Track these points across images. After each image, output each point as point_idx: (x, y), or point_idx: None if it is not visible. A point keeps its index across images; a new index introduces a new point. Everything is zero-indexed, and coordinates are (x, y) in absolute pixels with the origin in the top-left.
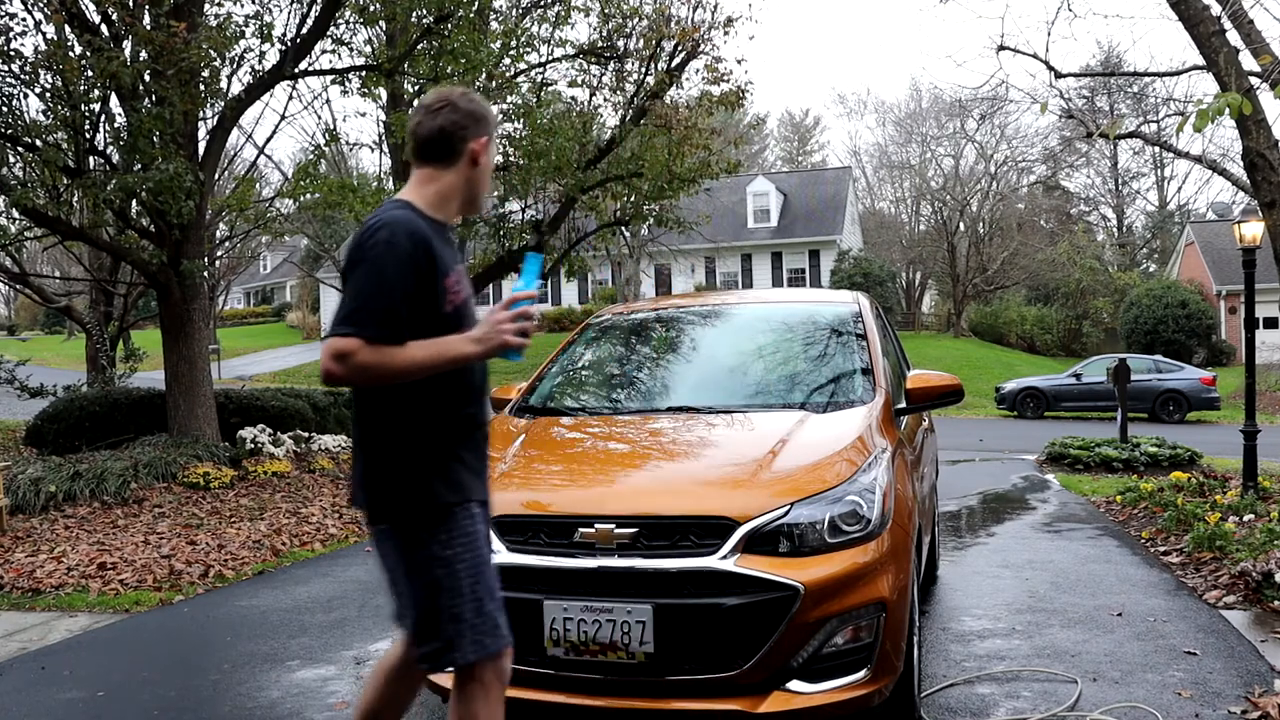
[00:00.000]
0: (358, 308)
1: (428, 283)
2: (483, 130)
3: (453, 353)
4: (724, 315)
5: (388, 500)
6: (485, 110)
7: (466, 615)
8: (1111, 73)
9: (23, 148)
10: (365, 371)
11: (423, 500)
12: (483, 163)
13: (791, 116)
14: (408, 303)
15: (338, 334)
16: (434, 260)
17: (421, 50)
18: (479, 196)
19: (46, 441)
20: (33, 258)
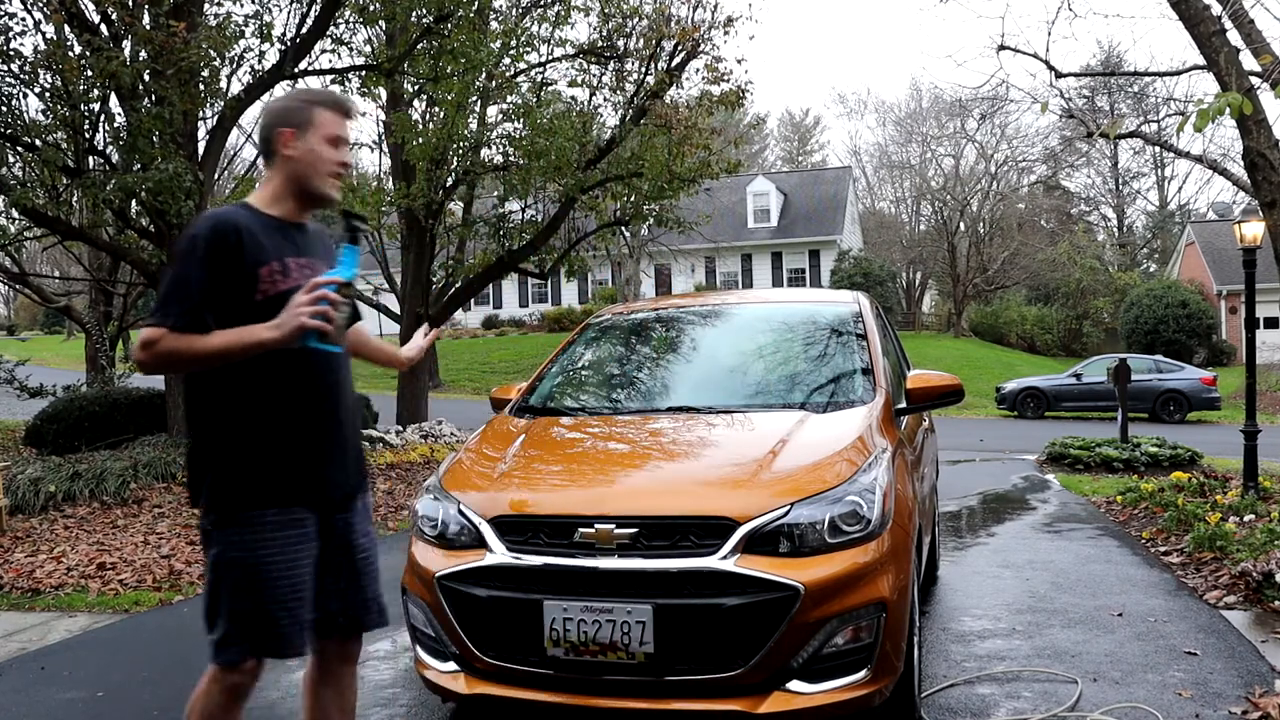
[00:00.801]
0: (162, 299)
1: (234, 273)
2: (287, 121)
3: (252, 339)
4: (724, 315)
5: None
6: (294, 102)
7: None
8: (1112, 72)
9: (23, 147)
10: (169, 357)
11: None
12: (294, 152)
13: (791, 116)
14: (206, 292)
15: (145, 324)
16: (242, 251)
17: (421, 50)
18: (308, 185)
19: (46, 441)
20: (33, 258)
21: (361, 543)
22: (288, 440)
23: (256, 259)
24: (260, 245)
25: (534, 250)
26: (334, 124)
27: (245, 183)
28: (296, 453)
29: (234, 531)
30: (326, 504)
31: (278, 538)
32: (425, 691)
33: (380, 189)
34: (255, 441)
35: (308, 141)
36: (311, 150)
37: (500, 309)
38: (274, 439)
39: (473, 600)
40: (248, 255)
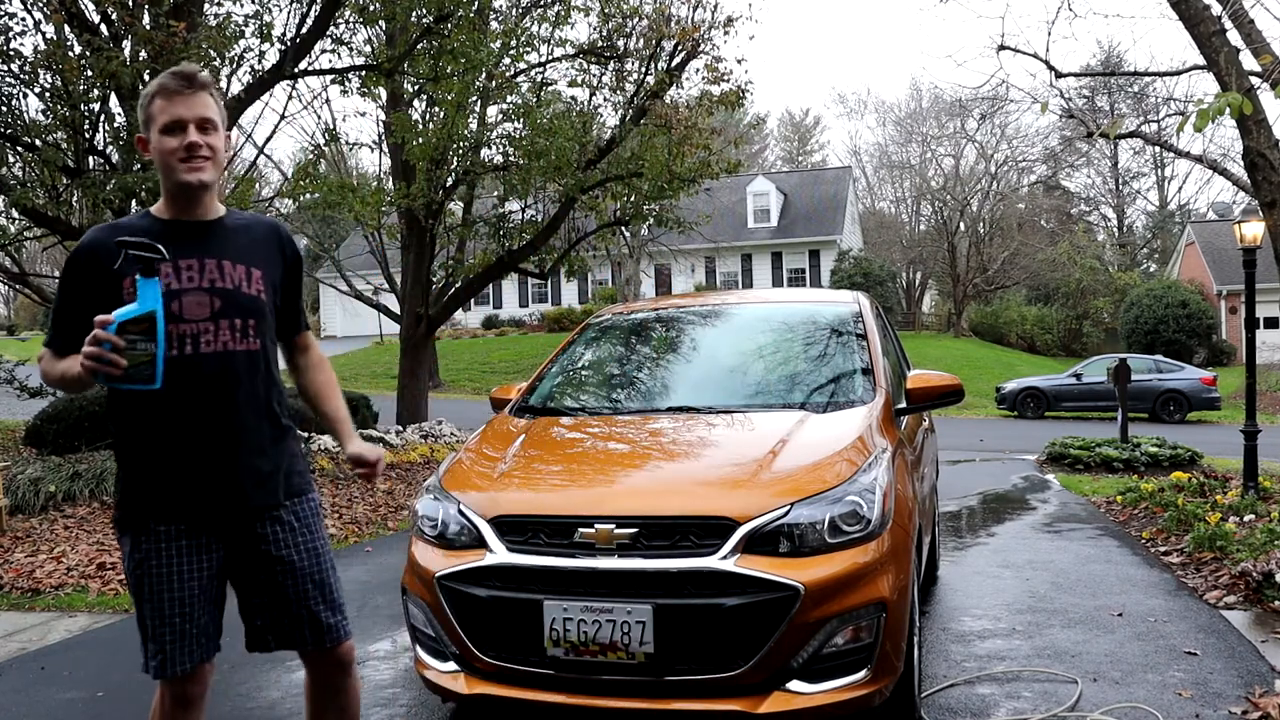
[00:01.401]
0: (50, 319)
1: (89, 295)
2: (141, 125)
3: (70, 371)
4: (724, 315)
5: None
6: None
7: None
8: (1112, 72)
9: (23, 147)
10: (45, 376)
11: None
12: (151, 155)
13: (791, 116)
14: (66, 314)
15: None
16: (93, 273)
17: (421, 50)
18: (170, 181)
19: (46, 442)
20: (33, 258)
21: (283, 555)
22: (162, 457)
23: (120, 273)
24: (121, 261)
25: (534, 250)
26: (165, 110)
27: (245, 183)
28: (173, 469)
29: (125, 543)
30: (216, 518)
31: (159, 551)
32: (425, 691)
33: (380, 189)
34: (134, 457)
35: (152, 140)
36: (159, 151)
37: (500, 309)
38: (149, 455)
39: (473, 600)
40: (104, 274)
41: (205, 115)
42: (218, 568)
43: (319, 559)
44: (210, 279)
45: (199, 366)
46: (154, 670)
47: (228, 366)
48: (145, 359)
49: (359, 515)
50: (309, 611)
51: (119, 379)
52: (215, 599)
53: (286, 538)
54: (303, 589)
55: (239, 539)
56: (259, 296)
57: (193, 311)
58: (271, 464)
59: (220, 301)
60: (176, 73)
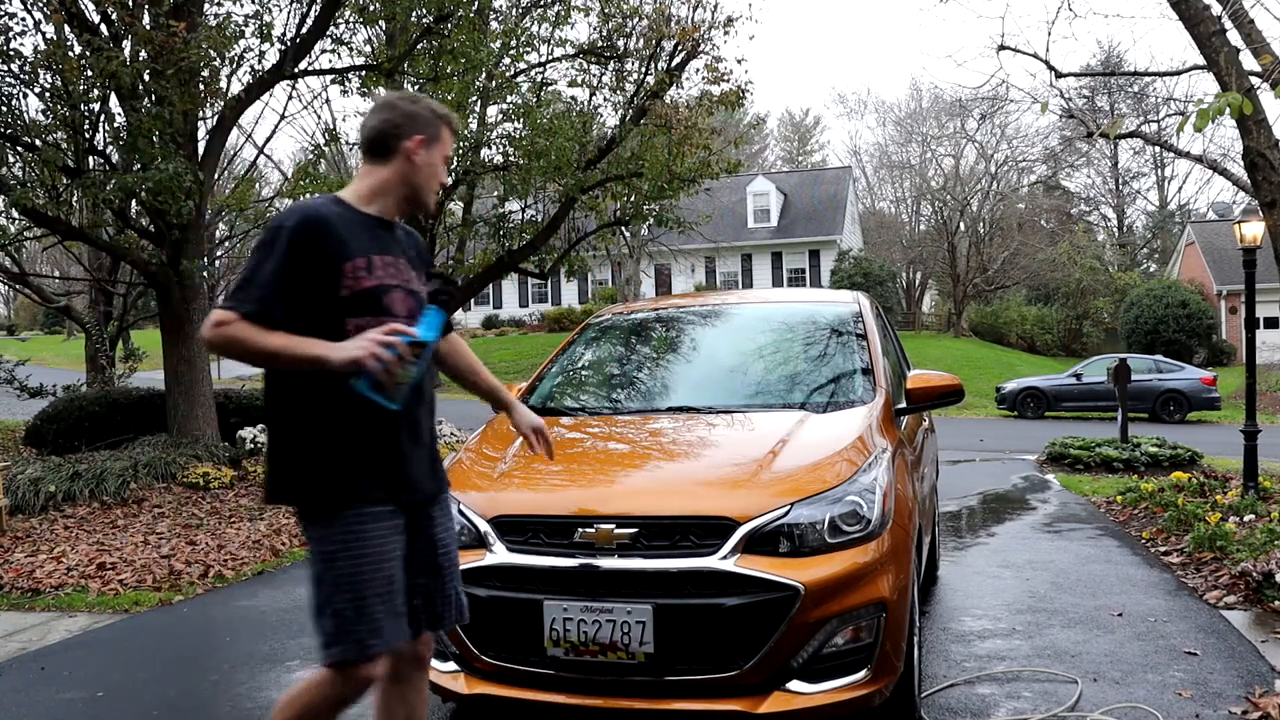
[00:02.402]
0: (240, 284)
1: (312, 269)
2: (419, 129)
3: (309, 352)
4: (724, 315)
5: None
6: (425, 111)
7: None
8: (1112, 72)
9: (22, 147)
10: (232, 343)
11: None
12: (419, 160)
13: (791, 116)
14: (280, 286)
15: (222, 305)
16: (326, 243)
17: (421, 50)
18: (420, 193)
19: (46, 441)
20: (32, 258)
21: (443, 538)
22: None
23: (341, 253)
24: (345, 240)
25: (534, 250)
26: (450, 144)
27: (245, 183)
28: (381, 454)
29: (328, 528)
30: (410, 502)
31: (371, 532)
32: None
33: None
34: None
35: (433, 154)
36: (433, 164)
37: (500, 309)
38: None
39: (473, 600)
40: (331, 249)
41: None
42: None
43: (456, 543)
44: (405, 279)
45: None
46: (371, 649)
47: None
48: (405, 380)
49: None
50: (456, 591)
51: (374, 387)
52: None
53: (444, 521)
54: (454, 570)
55: (416, 523)
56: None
57: (397, 308)
58: (437, 454)
59: (412, 302)
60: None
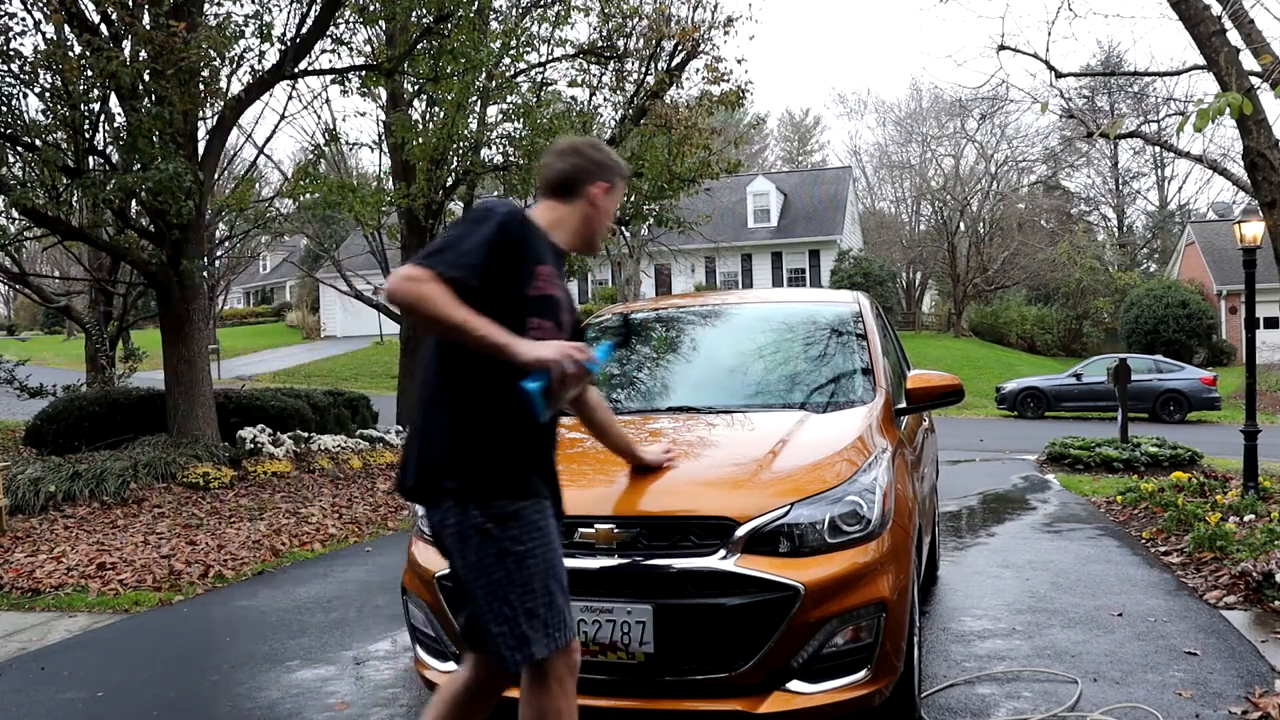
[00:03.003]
0: (439, 247)
1: (513, 259)
2: (604, 177)
3: (497, 337)
4: (724, 315)
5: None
6: (609, 161)
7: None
8: (1112, 72)
9: (23, 148)
10: (422, 300)
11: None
12: (600, 204)
13: (791, 116)
14: (484, 261)
15: (416, 262)
16: (523, 242)
17: (421, 50)
18: (595, 236)
19: (46, 441)
20: (32, 258)
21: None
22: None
23: (537, 256)
24: (540, 247)
25: None
26: (621, 196)
27: (245, 183)
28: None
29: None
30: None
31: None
32: (425, 691)
33: (380, 189)
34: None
35: (610, 201)
36: (609, 210)
37: None
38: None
39: None
40: (530, 250)
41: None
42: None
43: None
44: (570, 304)
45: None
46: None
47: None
48: (565, 397)
49: (359, 515)
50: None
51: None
52: None
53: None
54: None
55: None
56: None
57: (564, 326)
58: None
59: (571, 326)
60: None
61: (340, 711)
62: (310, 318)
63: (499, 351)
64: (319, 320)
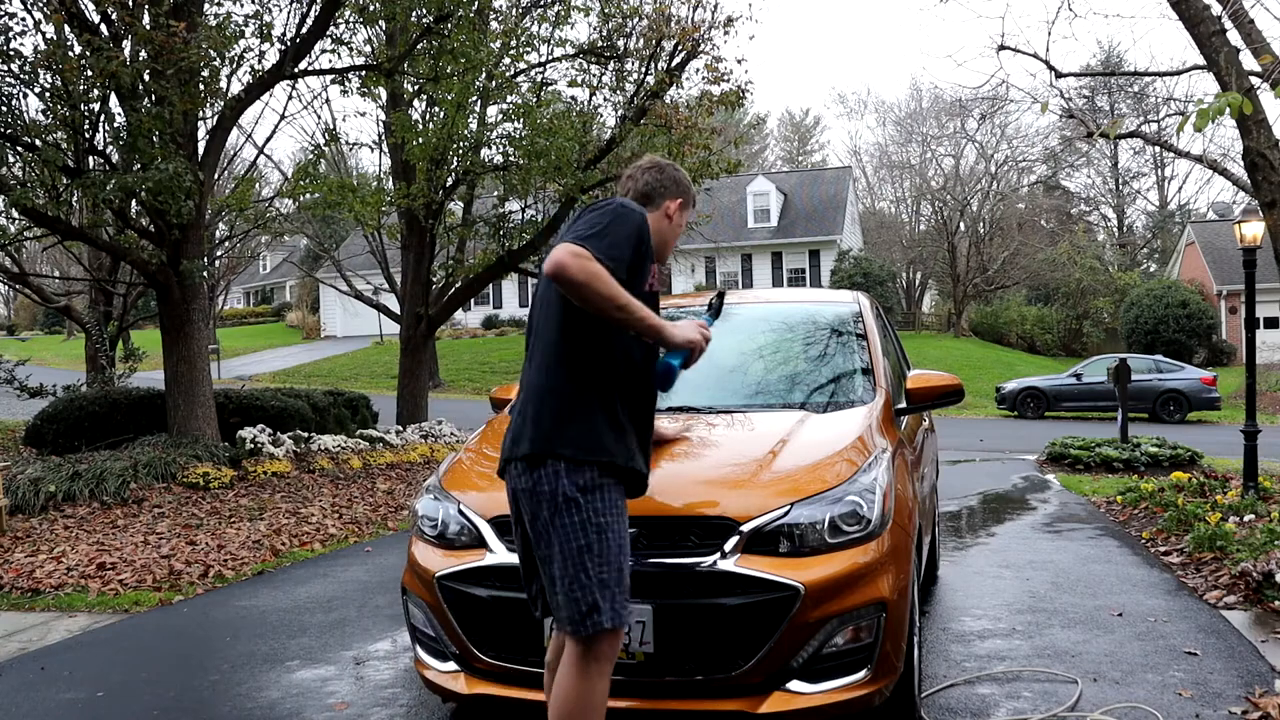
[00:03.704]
0: (595, 234)
1: (645, 257)
2: (679, 194)
3: (651, 321)
4: (724, 315)
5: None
6: (685, 180)
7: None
8: (1112, 72)
9: (22, 147)
10: (595, 276)
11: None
12: (675, 219)
13: (791, 116)
14: (629, 255)
15: (577, 240)
16: (649, 242)
17: (421, 50)
18: (667, 246)
19: (46, 441)
20: (32, 258)
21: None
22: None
23: (651, 258)
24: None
25: (534, 250)
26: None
27: (245, 183)
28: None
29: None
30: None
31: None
32: (425, 691)
33: (380, 189)
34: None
35: (683, 217)
36: (678, 226)
37: (500, 309)
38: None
39: (473, 600)
40: (649, 250)
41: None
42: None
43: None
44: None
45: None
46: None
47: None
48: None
49: (359, 515)
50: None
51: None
52: None
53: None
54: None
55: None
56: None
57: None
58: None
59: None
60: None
61: (340, 711)
62: (310, 318)
63: (657, 332)
64: (319, 320)
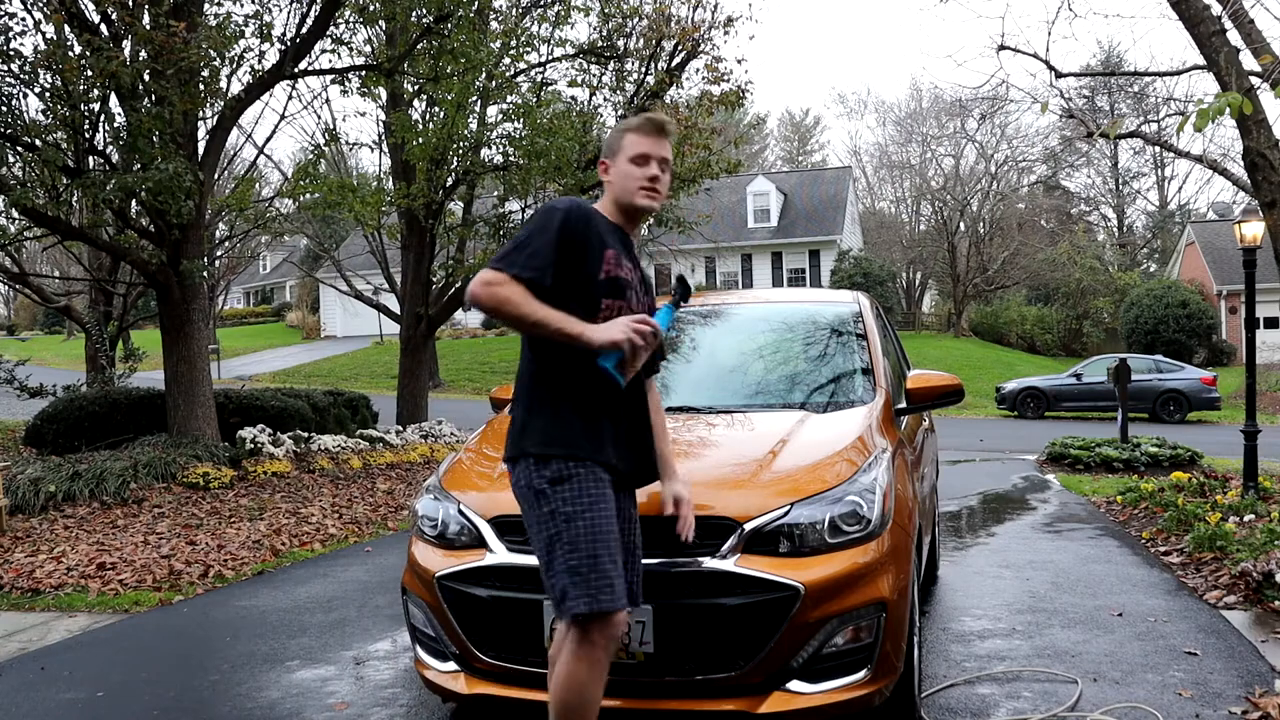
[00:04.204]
0: (510, 250)
1: (581, 248)
2: (605, 153)
3: (570, 327)
4: (724, 315)
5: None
6: (612, 133)
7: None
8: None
9: (23, 148)
10: (504, 304)
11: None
12: (610, 177)
13: (791, 116)
14: (553, 258)
15: (492, 267)
16: (591, 230)
17: (421, 50)
18: (623, 201)
19: (46, 441)
20: (32, 258)
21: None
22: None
23: (603, 241)
24: (604, 233)
25: None
26: (638, 144)
27: (245, 183)
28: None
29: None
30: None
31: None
32: (425, 691)
33: (380, 189)
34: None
35: (618, 165)
36: (623, 172)
37: None
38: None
39: (473, 600)
40: (594, 236)
41: (666, 157)
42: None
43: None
44: (637, 282)
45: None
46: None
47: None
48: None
49: (359, 515)
50: (637, 579)
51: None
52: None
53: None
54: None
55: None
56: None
57: (634, 304)
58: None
59: (646, 305)
60: (653, 119)
61: (340, 711)
62: (310, 318)
63: (575, 340)
64: (319, 320)
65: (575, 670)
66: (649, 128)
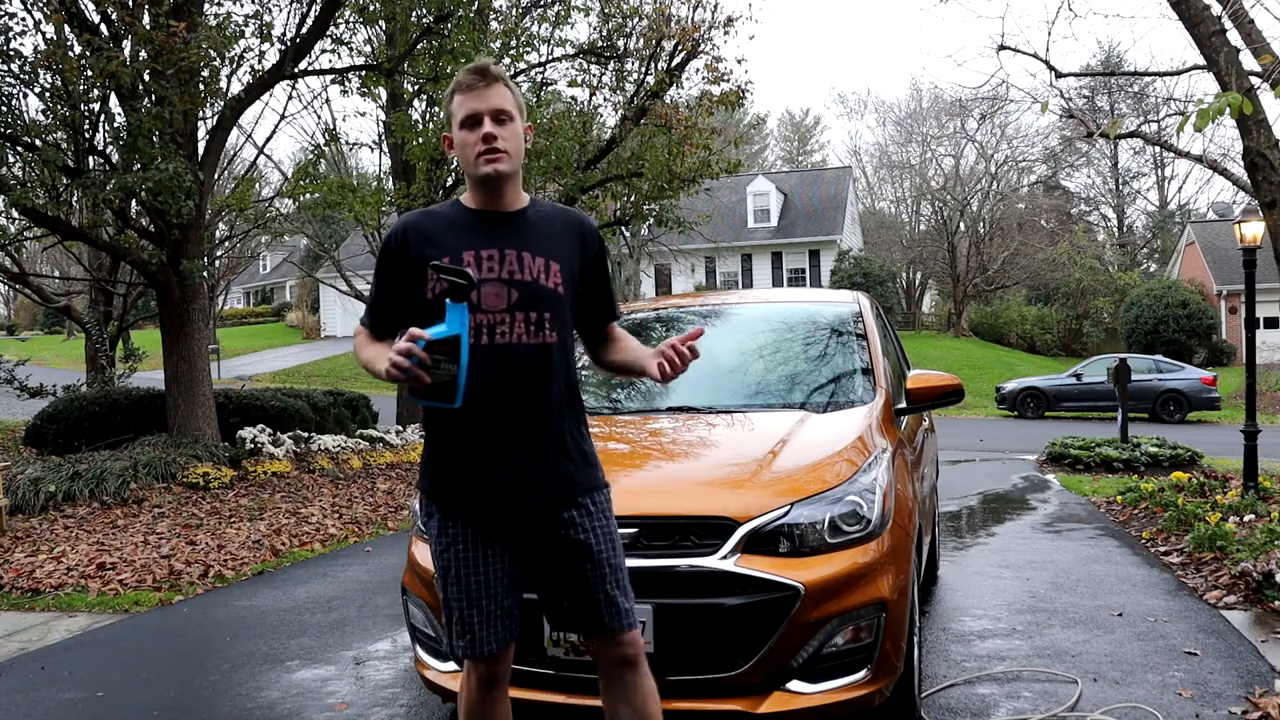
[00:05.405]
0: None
1: (405, 271)
2: (445, 123)
3: (374, 365)
4: (724, 315)
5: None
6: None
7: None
8: (1112, 72)
9: (23, 147)
10: (356, 353)
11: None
12: (454, 151)
13: (791, 116)
14: (381, 296)
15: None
16: (409, 249)
17: (421, 50)
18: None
19: (46, 441)
20: (32, 258)
21: (583, 540)
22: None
23: (422, 256)
24: (430, 243)
25: None
26: (463, 105)
27: (245, 183)
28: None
29: (432, 526)
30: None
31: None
32: (425, 691)
33: (380, 189)
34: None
35: (455, 137)
36: (458, 143)
37: None
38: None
39: None
40: (413, 253)
41: (500, 106)
42: (518, 551)
43: (614, 544)
44: (509, 270)
45: (492, 358)
46: (462, 650)
47: (521, 359)
48: (447, 379)
49: (359, 515)
50: (605, 595)
51: (420, 393)
52: (518, 581)
53: (584, 522)
54: (600, 573)
55: (538, 526)
56: (557, 290)
57: (490, 302)
58: (565, 457)
59: (518, 294)
60: (472, 68)
61: (340, 711)
62: (310, 318)
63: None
64: (319, 320)
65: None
66: (468, 79)
